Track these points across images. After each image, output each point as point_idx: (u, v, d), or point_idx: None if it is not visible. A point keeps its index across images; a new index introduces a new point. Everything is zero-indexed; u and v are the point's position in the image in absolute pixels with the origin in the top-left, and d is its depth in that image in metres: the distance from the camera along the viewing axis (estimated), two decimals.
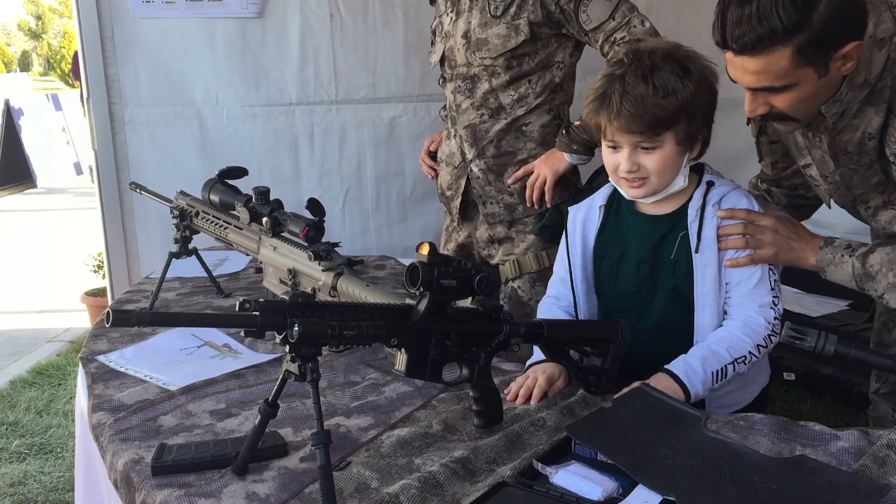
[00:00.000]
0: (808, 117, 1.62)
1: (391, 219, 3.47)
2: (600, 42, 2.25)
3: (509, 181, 2.40)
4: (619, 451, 1.31)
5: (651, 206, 1.74)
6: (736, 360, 1.60)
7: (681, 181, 1.68)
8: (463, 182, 2.48)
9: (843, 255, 1.66)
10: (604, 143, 1.69)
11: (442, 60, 2.48)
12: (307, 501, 1.27)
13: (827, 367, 3.24)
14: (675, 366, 1.59)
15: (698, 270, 1.68)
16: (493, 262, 2.50)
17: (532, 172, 2.36)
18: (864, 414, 2.21)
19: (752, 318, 1.64)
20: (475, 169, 2.44)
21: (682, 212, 1.71)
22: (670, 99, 1.59)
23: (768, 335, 1.64)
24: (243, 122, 3.22)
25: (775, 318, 1.65)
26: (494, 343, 1.50)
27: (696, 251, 1.67)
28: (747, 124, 1.92)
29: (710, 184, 1.71)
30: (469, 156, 2.44)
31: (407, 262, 2.77)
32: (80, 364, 1.94)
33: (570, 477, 1.27)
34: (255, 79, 3.21)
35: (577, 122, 2.29)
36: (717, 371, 1.59)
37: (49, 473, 3.20)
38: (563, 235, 1.85)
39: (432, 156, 2.70)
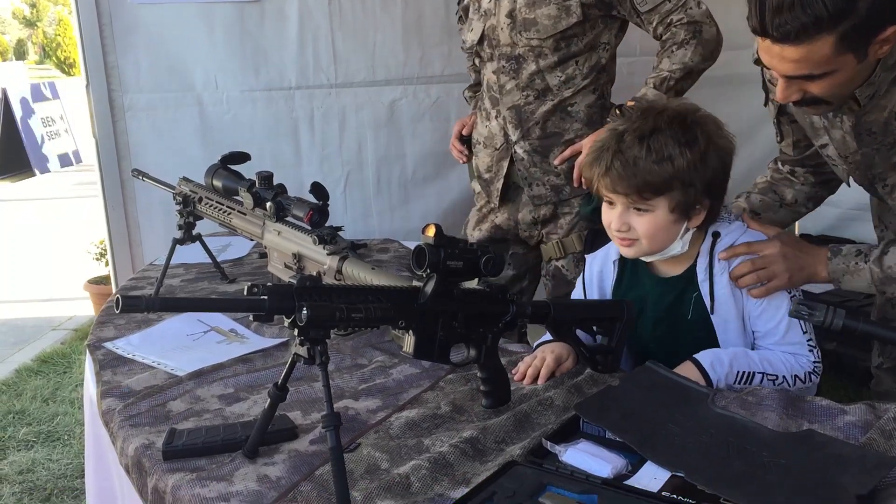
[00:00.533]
0: (841, 100, 1.58)
1: (393, 202, 3.47)
2: (654, 24, 2.23)
3: (556, 162, 2.36)
4: (627, 428, 1.32)
5: (660, 266, 1.71)
6: (766, 374, 1.57)
7: (677, 247, 1.64)
8: (505, 164, 2.44)
9: (857, 263, 1.62)
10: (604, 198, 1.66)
11: (481, 39, 2.43)
12: (318, 483, 1.28)
13: (830, 343, 3.25)
14: (703, 357, 1.57)
15: (719, 328, 1.65)
16: (533, 242, 2.50)
17: (580, 153, 2.29)
18: (868, 389, 2.22)
19: (796, 356, 1.61)
20: (519, 150, 2.40)
21: (692, 272, 1.68)
22: (664, 165, 1.54)
23: (809, 372, 1.61)
24: (243, 107, 3.21)
25: (816, 362, 1.62)
26: (501, 324, 1.50)
27: (713, 312, 1.65)
28: (765, 105, 1.90)
29: (716, 235, 1.66)
30: (513, 137, 2.40)
31: (410, 245, 2.78)
32: (87, 351, 1.95)
33: (579, 455, 1.28)
34: (255, 63, 3.20)
35: (629, 103, 2.25)
36: (744, 373, 1.56)
37: (57, 461, 3.22)
38: (581, 281, 1.84)
39: (463, 140, 2.66)
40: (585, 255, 1.86)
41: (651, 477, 1.23)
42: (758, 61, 1.61)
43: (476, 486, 1.21)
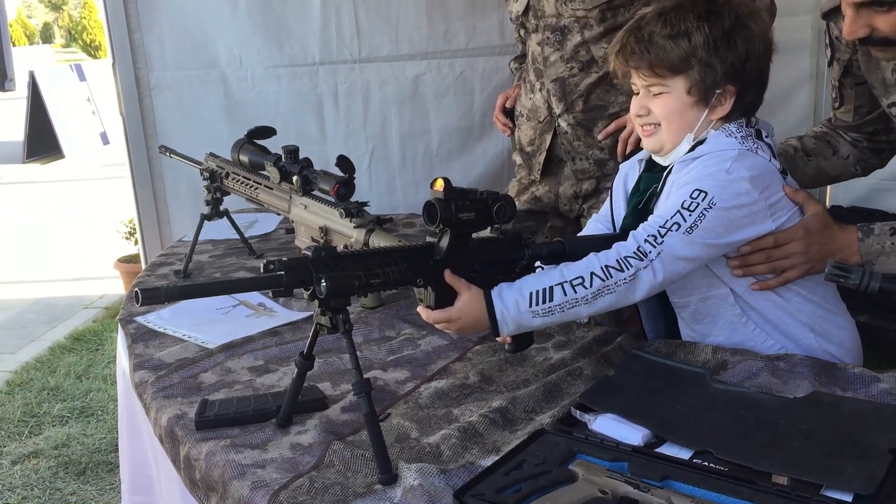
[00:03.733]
0: None
1: (418, 177, 3.46)
2: None
3: (600, 136, 2.32)
4: (638, 413, 1.29)
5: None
6: (565, 282, 1.37)
7: (686, 145, 1.53)
8: (548, 137, 2.40)
9: (892, 243, 1.52)
10: None
11: (526, 10, 2.39)
12: (353, 445, 1.29)
13: (862, 315, 3.21)
14: (496, 289, 1.41)
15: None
16: (573, 216, 2.49)
17: (624, 126, 2.27)
18: None
19: (623, 244, 1.43)
20: (563, 124, 2.36)
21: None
22: (679, 41, 1.46)
23: (627, 257, 1.39)
24: (267, 83, 3.21)
25: (647, 240, 1.40)
26: (518, 269, 1.49)
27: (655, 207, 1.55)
28: (829, 64, 1.83)
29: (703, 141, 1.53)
30: (557, 110, 2.36)
31: None
32: (119, 325, 1.97)
33: (609, 423, 1.27)
34: (278, 39, 3.19)
35: None
36: (537, 291, 1.37)
37: (91, 435, 3.28)
38: (610, 189, 1.79)
39: (507, 113, 2.62)
40: (620, 165, 1.79)
41: (681, 446, 1.22)
42: (825, 14, 1.54)
43: (506, 454, 1.21)
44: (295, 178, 1.99)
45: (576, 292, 1.37)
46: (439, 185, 1.35)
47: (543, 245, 1.53)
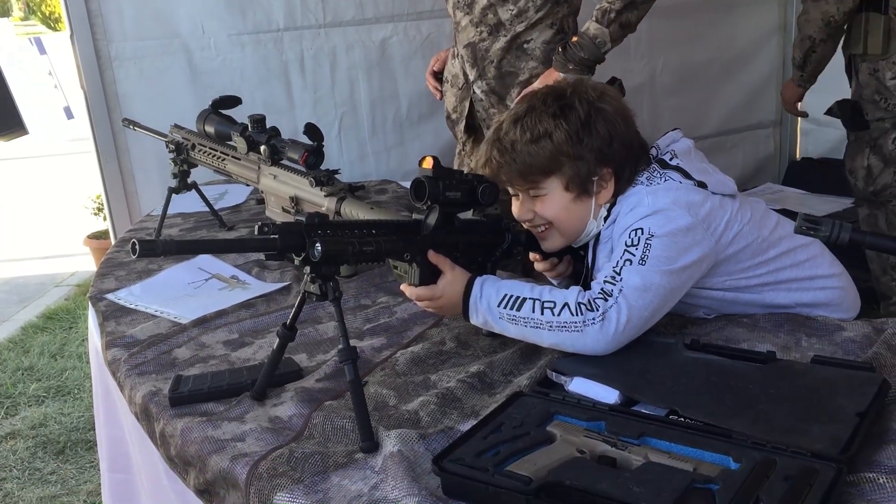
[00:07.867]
0: None
1: (388, 143, 3.43)
2: None
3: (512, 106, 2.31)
4: (609, 378, 1.29)
5: None
6: (542, 300, 1.36)
7: (594, 227, 1.52)
8: (467, 104, 2.39)
9: None
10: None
11: None
12: (329, 411, 1.28)
13: None
14: (480, 277, 1.44)
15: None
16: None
17: None
18: (873, 308, 2.22)
19: (584, 290, 1.40)
20: (477, 90, 2.34)
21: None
22: (542, 143, 1.44)
23: (594, 298, 1.35)
24: (231, 51, 3.15)
25: (606, 281, 1.38)
26: (498, 252, 1.51)
27: (593, 279, 1.52)
28: None
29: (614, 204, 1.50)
30: (471, 77, 2.34)
31: (408, 184, 2.75)
32: (89, 303, 1.94)
33: (585, 383, 1.28)
34: (241, 5, 3.12)
35: (574, 39, 2.17)
36: (510, 297, 1.38)
37: (69, 414, 3.25)
38: None
39: (437, 76, 2.60)
40: None
41: (652, 406, 1.23)
42: None
43: (483, 417, 1.21)
44: (262, 147, 1.96)
45: (542, 314, 1.36)
46: (428, 163, 1.36)
47: (523, 232, 1.55)
